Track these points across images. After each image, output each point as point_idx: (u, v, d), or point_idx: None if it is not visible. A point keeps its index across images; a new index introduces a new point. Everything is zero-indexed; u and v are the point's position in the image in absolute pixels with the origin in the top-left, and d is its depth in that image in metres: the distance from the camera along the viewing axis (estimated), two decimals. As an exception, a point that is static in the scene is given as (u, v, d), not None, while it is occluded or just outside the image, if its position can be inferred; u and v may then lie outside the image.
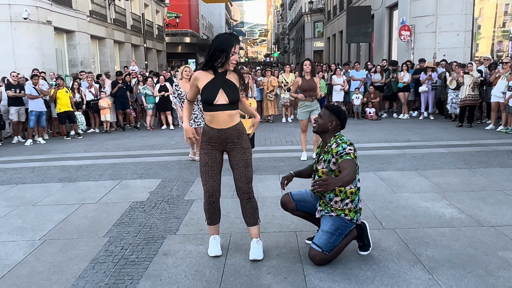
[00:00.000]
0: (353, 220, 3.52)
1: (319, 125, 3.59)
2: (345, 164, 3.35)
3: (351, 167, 3.32)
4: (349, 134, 10.00)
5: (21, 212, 5.13)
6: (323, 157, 3.59)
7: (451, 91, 11.41)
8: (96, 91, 12.41)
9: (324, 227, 3.49)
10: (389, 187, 5.62)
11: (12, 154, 9.19)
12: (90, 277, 3.43)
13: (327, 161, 3.51)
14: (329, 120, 3.55)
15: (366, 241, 3.67)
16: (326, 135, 3.60)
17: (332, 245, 3.42)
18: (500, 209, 4.64)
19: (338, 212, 3.51)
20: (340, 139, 3.52)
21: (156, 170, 7.13)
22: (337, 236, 3.45)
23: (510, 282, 3.11)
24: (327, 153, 3.53)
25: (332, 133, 3.59)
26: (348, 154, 3.38)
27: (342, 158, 3.38)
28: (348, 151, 3.39)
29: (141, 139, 10.72)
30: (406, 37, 15.52)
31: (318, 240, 3.44)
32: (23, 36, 15.45)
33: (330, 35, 34.32)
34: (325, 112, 3.60)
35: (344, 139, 3.51)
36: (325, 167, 3.53)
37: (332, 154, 3.47)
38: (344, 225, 3.49)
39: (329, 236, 3.43)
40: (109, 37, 23.11)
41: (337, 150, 3.43)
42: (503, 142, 8.38)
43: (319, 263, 3.43)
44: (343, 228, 3.48)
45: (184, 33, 40.65)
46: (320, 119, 3.59)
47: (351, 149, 3.41)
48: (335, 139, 3.54)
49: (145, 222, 4.63)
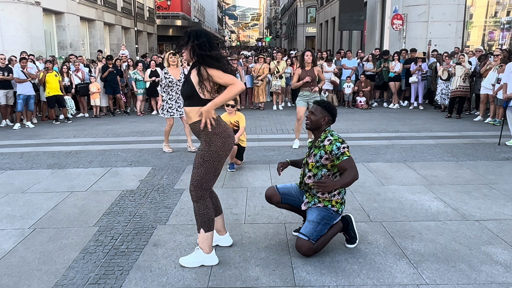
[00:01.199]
0: (338, 212, 3.61)
1: (312, 122, 3.65)
2: (345, 164, 3.46)
3: (351, 167, 3.45)
4: (339, 123, 10.08)
5: (10, 200, 5.11)
6: (313, 151, 3.65)
7: (441, 82, 11.49)
8: (83, 75, 12.27)
9: (311, 217, 3.56)
10: (378, 179, 5.70)
11: (0, 139, 9.10)
12: (80, 267, 3.46)
13: (318, 156, 3.57)
14: (321, 116, 3.62)
15: (352, 234, 3.74)
16: (319, 131, 3.67)
17: (318, 234, 3.49)
18: (485, 203, 4.74)
19: (325, 203, 3.59)
20: (330, 134, 3.58)
21: (146, 157, 7.12)
22: (322, 225, 3.53)
23: (492, 277, 3.20)
24: (318, 148, 3.59)
25: (324, 127, 3.65)
26: (343, 154, 3.46)
27: (339, 160, 3.46)
28: (343, 150, 3.47)
29: (131, 124, 10.68)
30: (398, 26, 15.52)
31: (304, 230, 3.52)
32: (11, 17, 15.18)
33: (322, 21, 34.14)
34: (317, 108, 3.65)
35: (335, 136, 3.57)
36: (315, 161, 3.59)
37: (324, 151, 3.53)
38: (330, 216, 3.57)
39: (315, 225, 3.50)
40: (99, 19, 22.77)
41: (331, 149, 3.49)
42: (491, 135, 8.50)
43: (307, 252, 3.49)
44: (328, 218, 3.56)
45: (175, 15, 40.13)
46: (312, 116, 3.64)
47: (344, 147, 3.49)
48: (325, 135, 3.60)
49: (135, 212, 4.65)
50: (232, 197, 5.06)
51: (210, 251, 3.44)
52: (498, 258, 3.48)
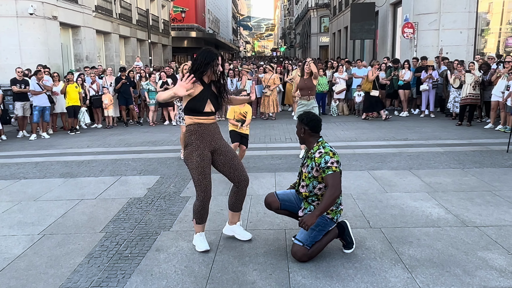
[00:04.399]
0: (333, 219, 3.68)
1: (296, 134, 3.86)
2: (328, 179, 3.50)
3: (333, 184, 3.47)
4: (348, 132, 10.14)
5: (22, 207, 5.31)
6: (306, 161, 3.76)
7: (453, 90, 11.45)
8: (98, 87, 12.58)
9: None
10: (381, 186, 5.74)
11: (17, 149, 9.39)
12: (85, 271, 3.59)
13: (310, 167, 3.69)
14: (300, 129, 3.78)
15: (348, 239, 3.81)
16: (307, 142, 3.79)
17: (312, 240, 3.58)
18: (487, 209, 4.75)
19: None
20: (323, 146, 3.67)
21: (155, 166, 7.28)
22: (317, 232, 3.61)
23: (486, 281, 3.24)
24: (310, 159, 3.70)
25: (312, 139, 3.74)
26: (329, 168, 3.52)
27: (325, 173, 3.54)
28: (330, 165, 3.52)
29: (143, 134, 10.89)
30: (409, 34, 15.53)
31: (299, 236, 3.62)
32: (29, 31, 15.65)
33: (335, 30, 34.26)
34: (297, 122, 3.85)
35: (327, 148, 3.64)
36: (307, 171, 3.71)
37: (314, 163, 3.62)
38: (325, 222, 3.64)
39: (310, 231, 3.58)
40: (115, 32, 23.28)
41: (319, 162, 3.57)
42: (500, 142, 8.45)
43: (301, 258, 3.57)
44: (323, 225, 3.63)
45: (190, 27, 40.74)
46: (296, 129, 3.84)
47: (333, 162, 3.53)
48: (318, 146, 3.69)
49: (141, 218, 4.79)
50: (236, 204, 5.15)
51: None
52: (493, 263, 3.51)
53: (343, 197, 5.25)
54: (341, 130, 10.48)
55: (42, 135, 10.89)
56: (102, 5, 21.53)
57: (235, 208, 4.02)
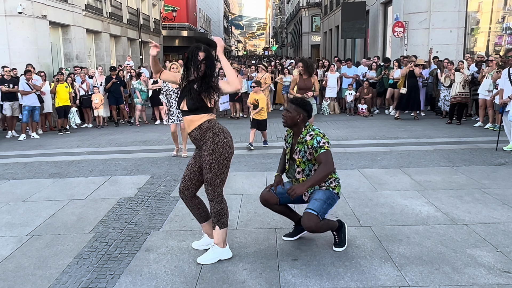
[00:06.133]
0: (338, 194, 3.78)
1: (288, 119, 3.77)
2: (321, 157, 3.58)
3: (326, 161, 3.55)
4: (339, 131, 10.17)
5: (10, 208, 5.25)
6: (297, 147, 3.76)
7: (444, 89, 11.53)
8: (88, 86, 12.49)
9: (317, 196, 3.68)
10: (372, 184, 5.76)
11: (5, 149, 9.29)
12: (74, 272, 3.56)
13: (303, 152, 3.71)
14: (296, 114, 3.73)
15: (342, 238, 3.82)
16: (297, 127, 3.79)
17: (324, 212, 3.63)
18: (476, 207, 4.78)
19: (326, 187, 3.75)
20: (312, 129, 3.72)
21: (146, 166, 7.25)
22: (327, 205, 3.67)
23: (474, 278, 3.26)
24: (302, 144, 3.72)
25: (303, 124, 3.77)
26: (321, 147, 3.59)
27: (317, 153, 3.60)
28: (322, 144, 3.60)
29: (133, 134, 10.83)
30: (399, 33, 15.61)
31: (312, 206, 3.61)
32: (18, 30, 15.49)
33: (327, 29, 34.34)
34: (291, 106, 3.77)
35: (316, 130, 3.71)
36: (301, 156, 3.72)
37: (307, 146, 3.66)
38: (333, 197, 3.73)
39: (322, 202, 3.64)
40: (105, 31, 23.12)
41: (312, 144, 3.63)
42: (489, 140, 8.52)
43: (315, 226, 3.57)
44: (332, 199, 3.71)
45: (181, 26, 40.57)
46: (288, 114, 3.76)
47: (324, 142, 3.61)
48: (307, 130, 3.73)
49: (130, 219, 4.76)
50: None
51: (225, 246, 3.67)
52: (482, 260, 3.53)
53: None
54: (332, 129, 10.50)
55: (32, 135, 10.79)
56: (92, 4, 21.37)
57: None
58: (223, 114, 13.91)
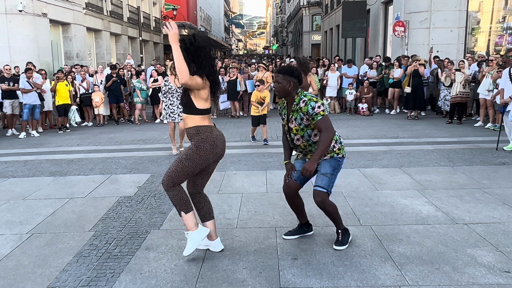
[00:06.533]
0: (344, 156, 3.86)
1: (280, 90, 3.75)
2: (320, 124, 3.58)
3: (326, 127, 3.56)
4: (340, 130, 10.13)
5: (10, 206, 5.25)
6: (292, 115, 3.75)
7: (444, 88, 11.52)
8: (88, 85, 12.49)
9: (323, 170, 3.74)
10: (372, 184, 5.76)
11: (6, 147, 9.29)
12: (73, 270, 3.56)
13: (299, 119, 3.69)
14: (286, 82, 3.70)
15: (346, 238, 3.86)
16: (289, 96, 3.76)
17: (332, 185, 3.76)
18: (476, 207, 4.78)
19: (331, 154, 3.78)
20: (303, 95, 3.71)
21: (146, 165, 7.24)
22: (335, 175, 3.78)
23: (474, 278, 3.25)
24: (296, 112, 3.71)
25: (295, 91, 3.74)
26: (317, 114, 3.58)
27: (314, 120, 3.60)
28: (318, 110, 3.58)
29: (134, 132, 10.83)
30: (400, 32, 15.58)
31: (321, 183, 3.70)
32: (18, 28, 15.47)
33: (327, 28, 34.29)
34: (279, 76, 3.72)
35: (308, 95, 3.69)
36: (297, 124, 3.71)
37: (302, 113, 3.65)
38: (338, 163, 3.80)
39: (330, 177, 3.73)
40: (106, 30, 23.08)
41: (307, 110, 3.61)
42: (489, 140, 8.51)
43: (323, 203, 3.68)
44: (338, 166, 3.81)
45: (181, 25, 40.47)
46: (279, 85, 3.73)
47: (319, 106, 3.60)
48: (299, 97, 3.71)
49: (130, 217, 4.76)
50: (226, 202, 5.14)
51: (196, 227, 3.63)
52: (482, 260, 3.53)
53: (334, 195, 5.25)
54: (332, 128, 10.48)
55: (32, 133, 10.78)
56: (92, 2, 21.34)
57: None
58: (223, 113, 13.91)
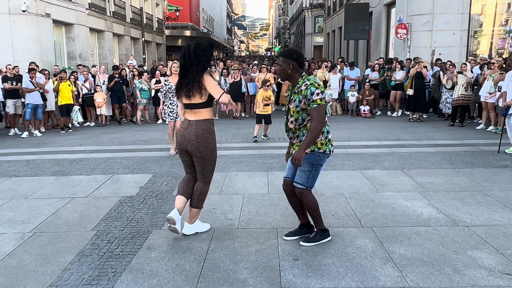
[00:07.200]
0: (326, 152, 3.81)
1: (280, 72, 3.84)
2: (312, 112, 3.64)
3: (317, 117, 3.61)
4: (341, 132, 10.17)
5: (13, 205, 5.27)
6: (293, 97, 3.81)
7: (445, 91, 11.53)
8: (91, 85, 12.52)
9: (302, 167, 3.78)
10: (373, 186, 5.76)
11: (8, 147, 9.32)
12: (75, 269, 3.58)
13: (298, 101, 3.74)
14: (286, 65, 3.77)
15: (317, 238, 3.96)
16: (292, 79, 3.82)
17: (313, 180, 3.82)
18: (477, 209, 4.78)
19: (312, 148, 3.76)
20: (307, 79, 3.75)
21: (148, 165, 7.26)
22: (314, 171, 3.80)
23: (475, 280, 3.26)
24: (297, 94, 3.76)
25: (298, 74, 3.79)
26: (314, 101, 3.63)
27: (310, 106, 3.65)
28: (315, 98, 3.62)
29: (136, 133, 10.85)
30: (402, 35, 15.59)
31: (299, 179, 3.80)
32: (22, 28, 15.53)
33: (329, 30, 34.32)
34: (280, 59, 3.82)
35: (312, 80, 3.73)
36: (295, 106, 3.76)
37: (302, 95, 3.70)
38: (317, 158, 3.78)
39: (308, 173, 3.78)
40: (108, 30, 23.15)
41: (306, 94, 3.66)
42: (491, 142, 8.51)
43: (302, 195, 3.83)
44: (316, 162, 3.79)
45: (184, 26, 40.65)
46: (279, 67, 3.82)
47: (318, 93, 3.63)
48: (303, 80, 3.76)
49: (132, 217, 4.77)
50: (228, 203, 5.16)
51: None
52: (483, 262, 3.53)
53: (335, 196, 5.29)
54: (334, 130, 10.50)
55: (34, 133, 10.81)
56: (95, 3, 21.41)
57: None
58: (225, 114, 13.93)
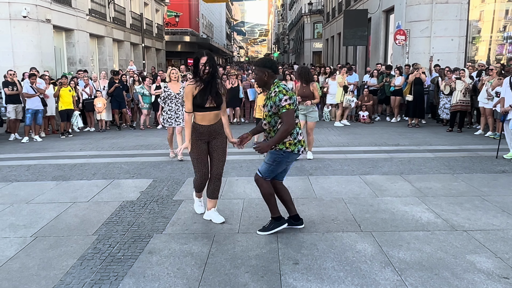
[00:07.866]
0: (294, 151, 4.10)
1: (258, 80, 4.14)
2: (283, 117, 3.95)
3: (287, 121, 3.92)
4: (340, 137, 10.22)
5: (14, 210, 5.30)
6: (266, 102, 4.10)
7: (443, 97, 11.60)
8: (91, 90, 12.58)
9: (266, 158, 4.18)
10: (372, 191, 5.80)
11: (8, 152, 9.35)
12: (77, 273, 3.61)
13: (269, 106, 4.02)
14: (262, 73, 4.06)
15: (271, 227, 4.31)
16: (267, 86, 4.12)
17: (271, 172, 4.15)
18: (475, 214, 4.82)
19: (280, 146, 4.07)
20: (277, 86, 4.03)
21: (148, 170, 7.30)
22: (275, 166, 4.13)
23: (473, 284, 3.30)
24: (269, 99, 4.04)
25: (272, 80, 4.08)
26: (283, 107, 3.93)
27: (280, 112, 3.96)
28: (284, 103, 3.92)
29: (136, 138, 10.89)
30: (401, 41, 15.69)
31: (261, 168, 4.20)
32: (22, 34, 15.62)
33: (328, 36, 34.48)
34: (256, 69, 4.13)
35: (281, 87, 4.00)
36: (267, 110, 4.08)
37: (272, 101, 3.98)
38: (281, 156, 4.09)
39: (268, 165, 4.15)
40: (108, 36, 23.27)
41: (275, 100, 3.97)
42: (489, 148, 8.57)
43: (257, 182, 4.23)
44: (279, 159, 4.11)
45: (184, 32, 40.79)
46: (256, 76, 4.13)
47: (286, 99, 3.92)
48: (274, 87, 4.04)
49: (133, 221, 4.80)
50: (228, 208, 5.19)
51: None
52: (481, 266, 3.57)
53: (335, 201, 5.33)
54: (333, 135, 10.55)
55: (35, 138, 10.84)
56: (96, 9, 21.53)
57: (211, 195, 4.69)
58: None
